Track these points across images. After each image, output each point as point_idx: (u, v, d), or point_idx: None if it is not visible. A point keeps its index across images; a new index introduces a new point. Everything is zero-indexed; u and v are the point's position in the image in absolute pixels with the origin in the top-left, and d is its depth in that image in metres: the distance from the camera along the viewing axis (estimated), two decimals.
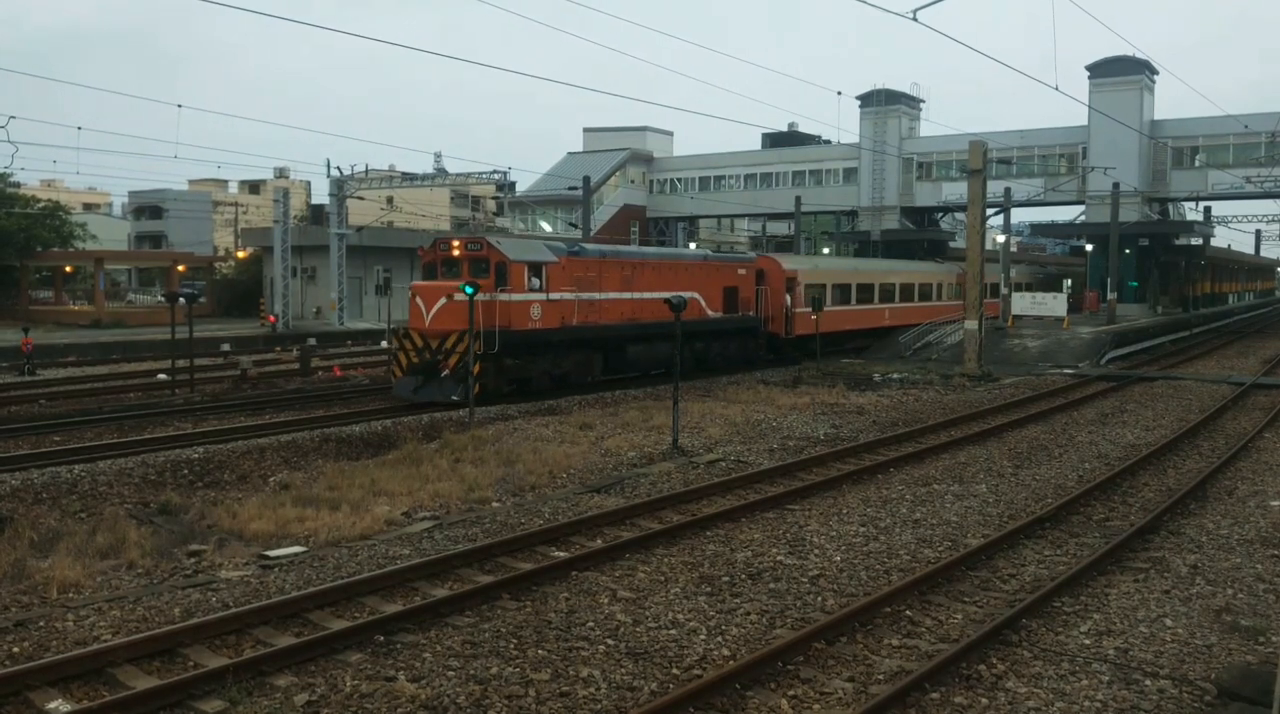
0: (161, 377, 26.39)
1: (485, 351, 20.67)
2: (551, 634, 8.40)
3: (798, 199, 56.75)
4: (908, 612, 9.11)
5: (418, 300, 21.71)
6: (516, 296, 21.65)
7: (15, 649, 7.93)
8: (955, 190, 54.36)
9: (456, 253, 22.24)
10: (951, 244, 63.33)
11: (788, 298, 31.85)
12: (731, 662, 7.83)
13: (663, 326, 24.67)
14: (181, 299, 25.84)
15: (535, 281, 22.22)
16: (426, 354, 21.26)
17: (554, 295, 22.67)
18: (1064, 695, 7.42)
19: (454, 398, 20.54)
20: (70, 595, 9.26)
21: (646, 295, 25.49)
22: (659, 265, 27.04)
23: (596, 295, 24.05)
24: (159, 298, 54.66)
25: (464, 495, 13.36)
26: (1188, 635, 8.67)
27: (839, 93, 58.56)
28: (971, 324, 31.30)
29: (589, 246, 25.80)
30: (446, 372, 20.95)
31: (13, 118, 27.29)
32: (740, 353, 30.22)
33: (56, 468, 14.22)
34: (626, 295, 25.18)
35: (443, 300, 21.05)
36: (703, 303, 27.80)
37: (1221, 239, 76.33)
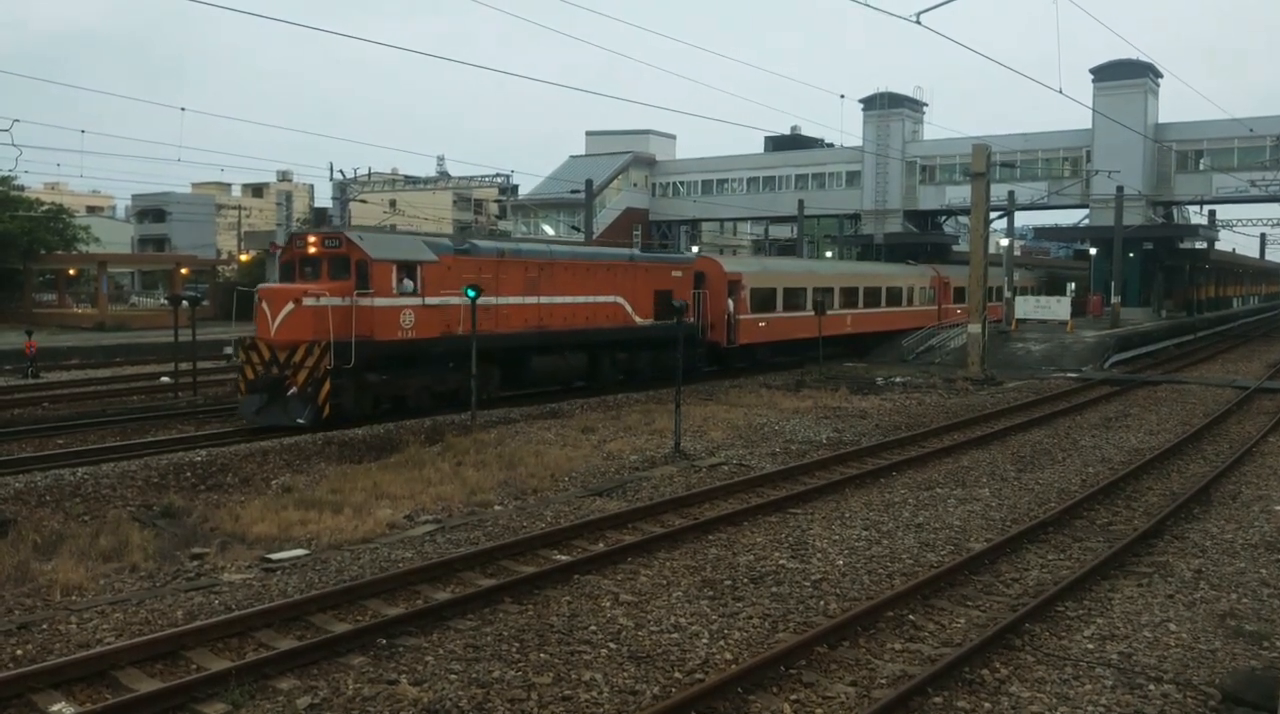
0: (164, 379, 26.43)
1: (340, 366, 17.99)
2: (553, 638, 8.39)
3: (800, 202, 56.74)
4: (910, 615, 9.09)
5: (263, 305, 18.74)
6: (381, 301, 18.82)
7: (19, 652, 7.94)
8: (958, 194, 54.34)
9: (313, 250, 19.25)
10: (955, 247, 63.32)
11: (730, 303, 29.22)
12: (734, 665, 7.82)
13: (577, 336, 23.46)
14: (184, 302, 25.88)
15: (408, 283, 19.42)
16: (274, 369, 18.40)
17: (432, 300, 19.78)
18: (1067, 700, 7.40)
19: (300, 421, 17.93)
20: (73, 598, 9.27)
21: (558, 300, 22.98)
22: (574, 266, 24.02)
23: (492, 299, 21.13)
24: (162, 301, 54.76)
25: (466, 498, 13.36)
26: (1192, 640, 8.65)
27: (842, 96, 58.79)
28: (975, 327, 31.28)
29: (483, 243, 22.48)
30: (294, 390, 18.14)
31: (17, 121, 27.43)
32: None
33: (60, 471, 14.23)
34: (531, 299, 22.35)
35: (290, 306, 18.21)
36: (628, 308, 25.28)
37: (1226, 243, 76.35)
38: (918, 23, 19.01)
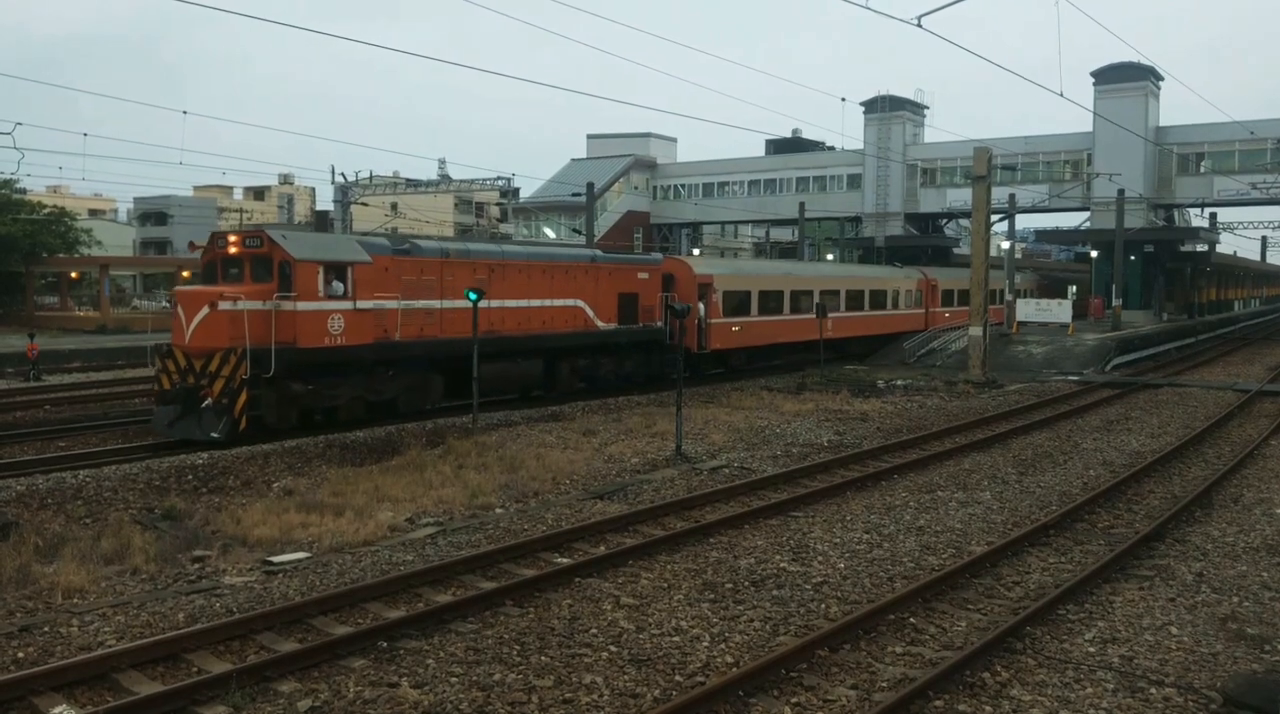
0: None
1: (259, 375, 16.89)
2: (554, 641, 8.40)
3: (801, 205, 56.74)
4: (911, 619, 9.09)
5: (179, 309, 17.65)
6: (306, 305, 17.67)
7: (20, 654, 7.95)
8: (960, 196, 54.36)
9: (234, 250, 18.12)
10: (956, 250, 63.31)
11: (701, 306, 28.03)
12: (735, 668, 7.82)
13: (532, 341, 22.29)
14: None
15: (337, 286, 18.23)
16: (190, 377, 17.24)
17: (365, 303, 18.60)
18: (1068, 703, 7.40)
19: (214, 436, 16.72)
20: (75, 601, 9.27)
21: (510, 303, 21.79)
22: (528, 267, 22.72)
23: (435, 303, 20.02)
24: (164, 303, 54.80)
25: (467, 501, 13.36)
26: (1193, 644, 8.64)
27: (843, 99, 58.81)
28: (976, 330, 31.29)
29: (426, 243, 21.23)
30: (209, 401, 16.96)
31: (19, 124, 27.53)
32: (641, 370, 26.26)
33: (61, 473, 14.24)
34: (481, 303, 20.85)
35: (205, 310, 17.05)
36: (590, 312, 24.07)
37: (1227, 245, 76.24)
38: (919, 26, 19.04)
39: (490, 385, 21.29)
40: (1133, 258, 51.01)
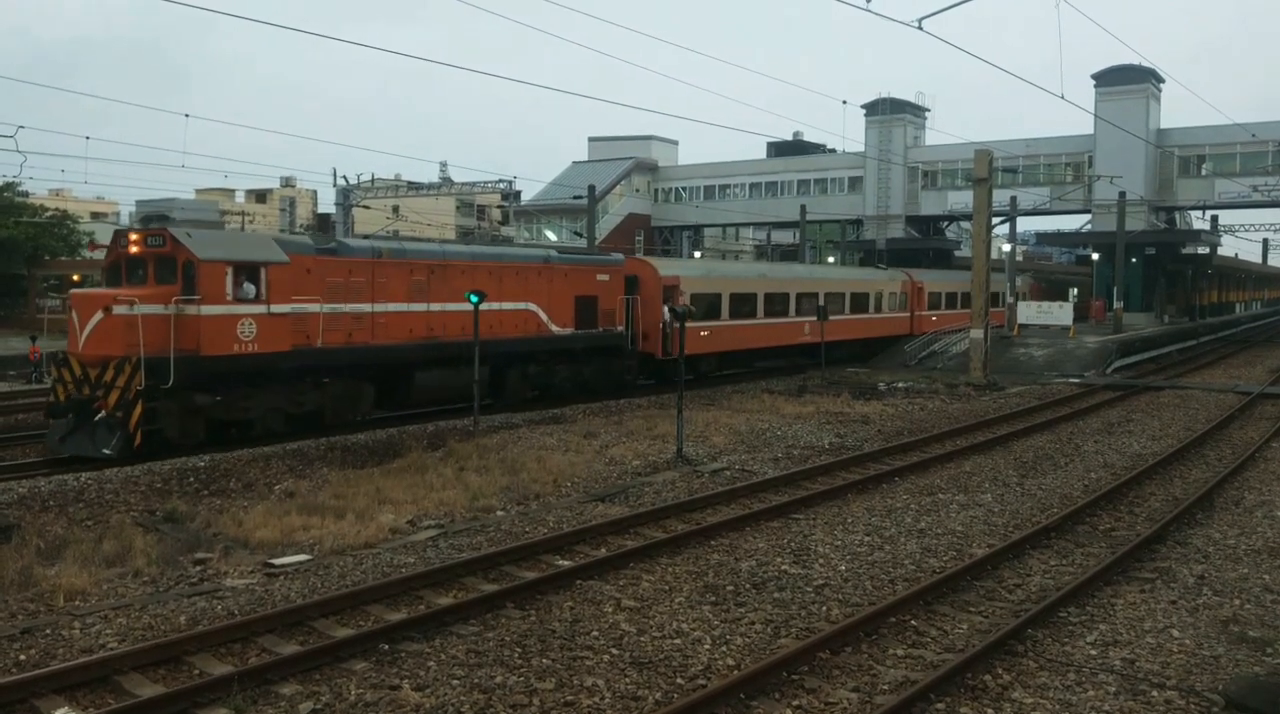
0: None
1: (157, 386, 15.58)
2: (556, 643, 8.40)
3: (803, 208, 56.76)
4: (913, 621, 9.09)
5: (73, 315, 16.35)
6: (211, 309, 16.25)
7: (22, 657, 7.95)
8: (961, 199, 54.35)
9: (136, 250, 16.68)
10: (957, 253, 63.32)
11: (665, 310, 26.34)
12: (736, 671, 7.82)
13: (473, 347, 20.23)
14: None
15: (249, 288, 16.84)
16: (85, 388, 15.91)
17: (281, 307, 17.19)
18: (1070, 706, 7.40)
19: (106, 452, 15.48)
20: (76, 603, 9.28)
21: (453, 307, 20.32)
22: (472, 268, 21.31)
23: (365, 307, 18.74)
24: None
25: (468, 504, 13.37)
26: (1195, 646, 8.64)
27: (844, 102, 58.92)
28: (977, 333, 31.30)
29: (355, 242, 20.03)
30: (103, 413, 15.68)
31: (21, 127, 27.40)
32: (601, 378, 24.77)
33: (63, 476, 14.26)
34: (418, 307, 19.92)
35: (99, 315, 15.74)
36: (543, 316, 22.72)
37: (1228, 248, 76.22)
38: (920, 29, 19.06)
39: (429, 394, 20.26)
40: (1134, 260, 50.99)
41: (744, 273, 34.17)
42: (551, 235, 66.28)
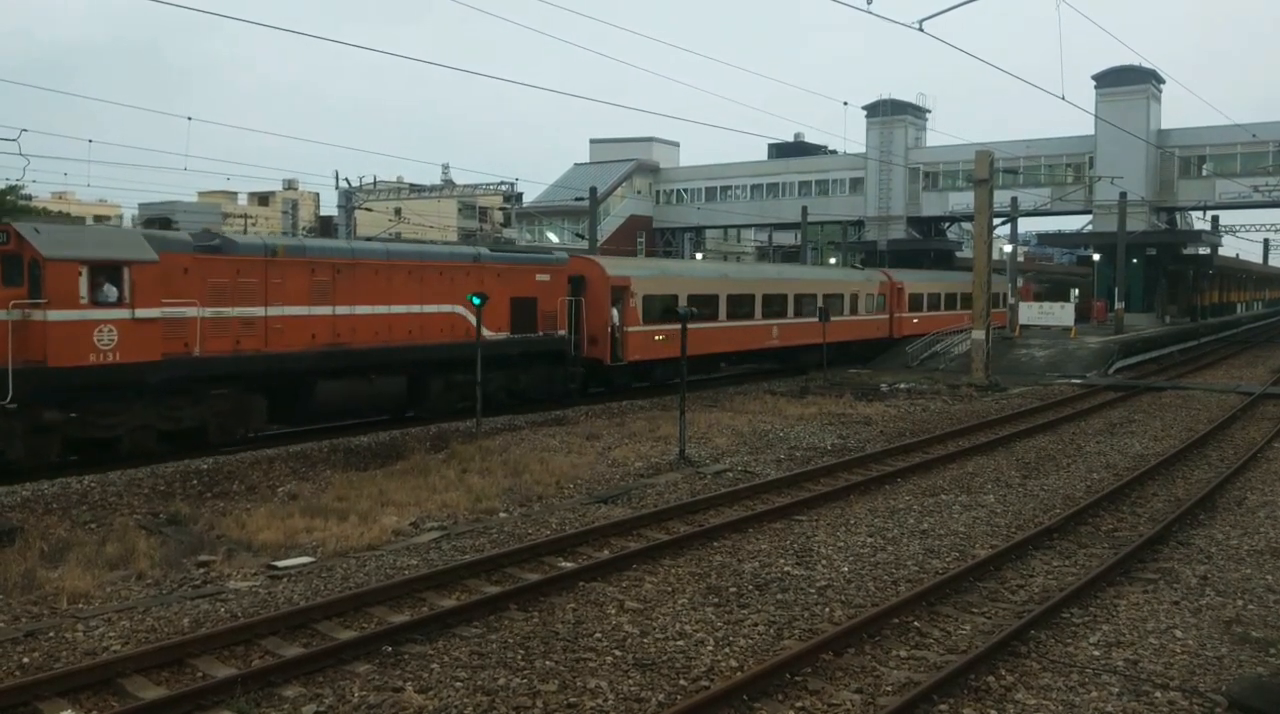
0: None
1: None
2: (559, 645, 8.40)
3: (804, 209, 56.78)
4: (916, 623, 9.09)
5: None
6: (60, 314, 14.46)
7: (26, 660, 7.96)
8: (962, 200, 54.34)
9: None
10: (958, 254, 63.32)
11: (614, 313, 24.85)
12: (739, 673, 7.82)
13: (394, 354, 19.26)
14: None
15: (109, 290, 15.12)
16: None
17: (149, 311, 15.39)
18: (1073, 707, 7.40)
19: None
20: (80, 606, 9.29)
21: (363, 310, 18.74)
22: (389, 268, 19.44)
23: (257, 310, 17.04)
24: None
25: (471, 506, 13.38)
26: (1198, 647, 8.64)
27: (845, 103, 58.93)
28: (979, 334, 31.30)
29: (244, 239, 18.31)
30: None
31: (24, 131, 27.40)
32: (540, 386, 23.01)
33: (67, 479, 14.28)
34: (323, 310, 18.10)
35: None
36: (472, 320, 20.56)
37: (1229, 248, 76.28)
38: (920, 30, 19.08)
39: (335, 408, 18.55)
40: (1135, 261, 50.98)
41: (703, 273, 32.05)
42: (553, 237, 66.32)
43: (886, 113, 59.36)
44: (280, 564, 10.60)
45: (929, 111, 61.84)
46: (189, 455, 16.29)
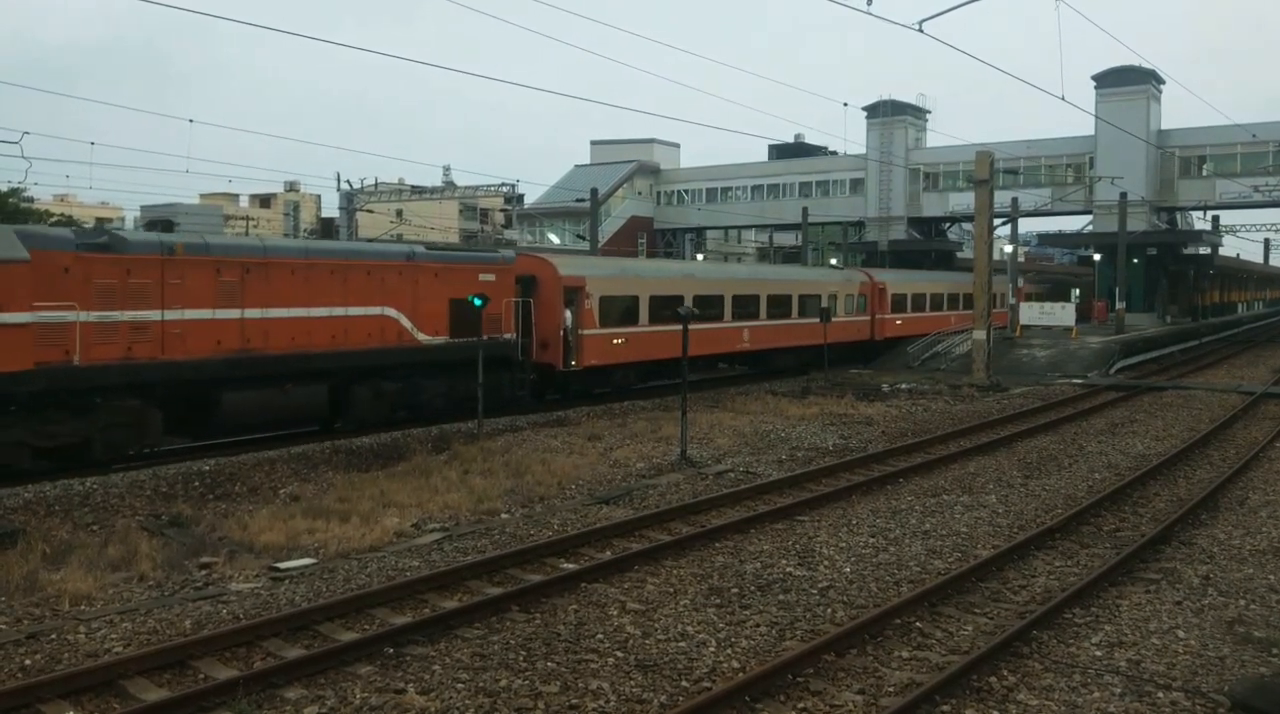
0: None
1: None
2: (560, 646, 8.40)
3: (805, 210, 56.79)
4: (918, 623, 9.08)
5: None
6: None
7: (28, 661, 7.97)
8: (962, 201, 54.33)
9: None
10: (959, 254, 63.33)
11: (567, 315, 23.46)
12: (741, 674, 7.82)
13: (313, 361, 17.70)
14: None
15: None
16: None
17: (16, 316, 13.99)
18: (1075, 708, 7.39)
19: None
20: (82, 607, 9.29)
21: (277, 313, 17.20)
22: (307, 267, 17.82)
23: (152, 315, 15.53)
24: None
25: (473, 507, 13.38)
26: (1200, 647, 8.63)
27: (845, 104, 58.89)
28: (980, 334, 31.30)
29: (137, 236, 16.70)
30: None
31: (26, 133, 27.46)
32: (485, 393, 20.27)
33: (69, 480, 14.28)
34: (228, 313, 16.55)
35: None
36: (405, 323, 19.42)
37: (1230, 248, 76.20)
38: (920, 31, 19.08)
39: (244, 420, 17.00)
40: (1135, 261, 50.98)
41: (666, 272, 30.15)
42: (554, 238, 66.37)
43: (887, 114, 59.37)
44: (282, 566, 10.60)
45: (929, 112, 61.87)
46: (191, 457, 16.30)
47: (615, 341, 24.70)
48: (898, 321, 39.16)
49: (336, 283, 18.32)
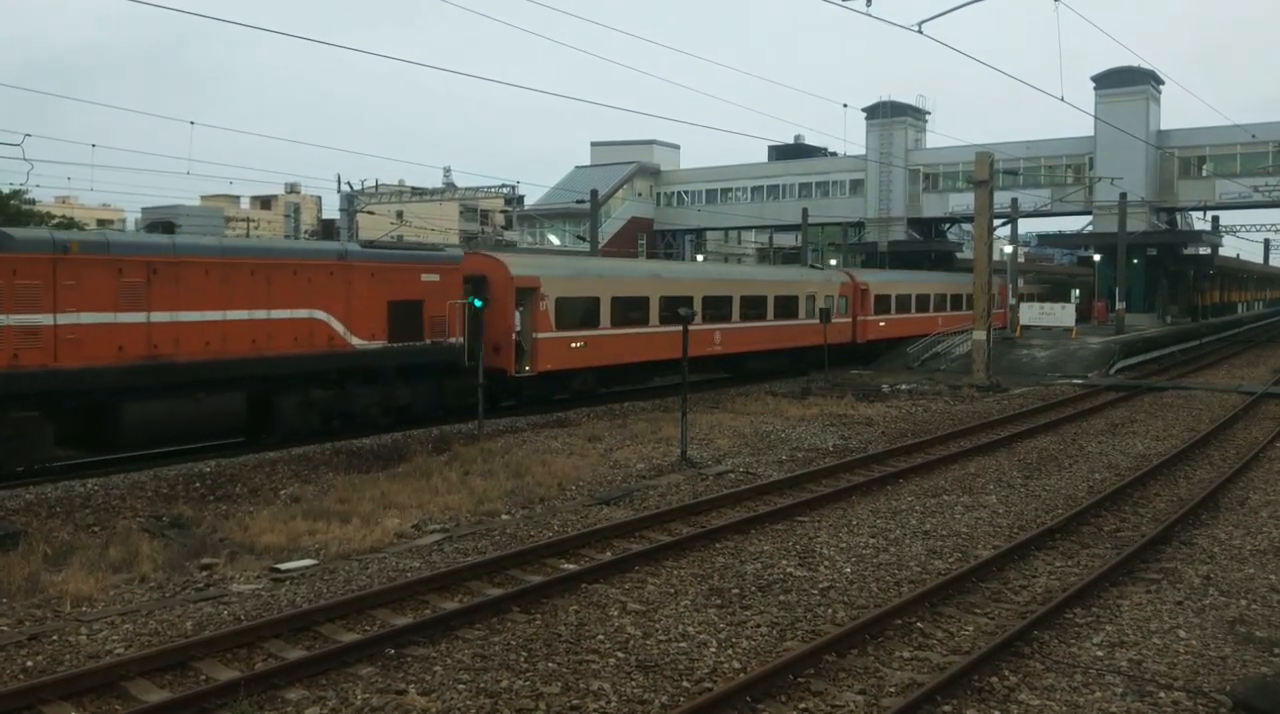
0: None
1: None
2: (561, 647, 8.40)
3: (804, 211, 56.79)
4: (919, 623, 9.08)
5: None
6: None
7: (29, 663, 7.97)
8: (962, 201, 54.32)
9: None
10: (959, 255, 63.35)
11: (517, 317, 22.30)
12: (742, 674, 7.82)
13: (230, 368, 16.49)
14: None
15: None
16: None
17: None
18: (1077, 708, 7.39)
19: None
20: (83, 609, 9.30)
21: (189, 316, 15.95)
22: (224, 267, 16.58)
23: (43, 318, 14.27)
24: None
25: (474, 508, 13.38)
26: (1201, 647, 8.63)
27: (845, 105, 58.80)
28: (980, 334, 31.30)
29: (25, 233, 15.47)
30: None
31: (28, 135, 27.44)
32: (426, 401, 20.08)
33: (70, 482, 14.30)
34: (132, 317, 15.29)
35: None
36: (338, 326, 18.09)
37: (1230, 248, 76.22)
38: (919, 32, 19.09)
39: (150, 432, 15.72)
40: (1135, 261, 50.98)
41: (631, 272, 28.47)
42: (555, 239, 66.37)
43: (886, 115, 59.37)
44: (283, 567, 10.61)
45: (929, 113, 61.86)
46: (192, 458, 16.30)
47: (574, 345, 23.47)
48: (881, 323, 37.68)
49: (258, 284, 17.01)
